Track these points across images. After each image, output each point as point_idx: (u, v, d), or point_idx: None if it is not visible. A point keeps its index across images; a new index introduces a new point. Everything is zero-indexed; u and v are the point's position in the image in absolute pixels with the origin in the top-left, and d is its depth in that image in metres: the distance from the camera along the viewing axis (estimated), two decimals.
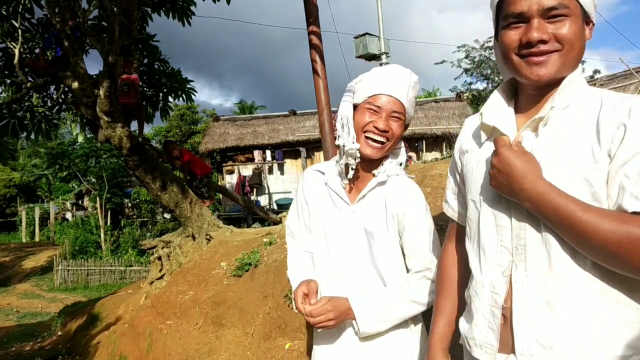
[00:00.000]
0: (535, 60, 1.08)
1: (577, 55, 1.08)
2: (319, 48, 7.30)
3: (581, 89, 1.11)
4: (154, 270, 6.63)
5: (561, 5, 1.04)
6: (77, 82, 5.83)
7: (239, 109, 32.43)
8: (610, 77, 15.16)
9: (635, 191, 0.93)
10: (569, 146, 1.04)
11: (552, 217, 0.98)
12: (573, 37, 1.06)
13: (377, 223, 1.60)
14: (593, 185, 0.99)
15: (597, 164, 1.00)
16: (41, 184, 29.36)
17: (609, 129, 1.00)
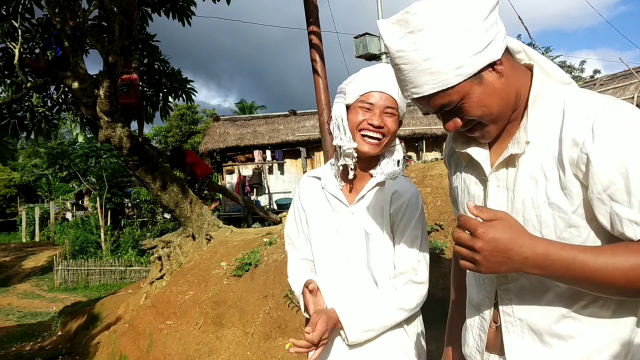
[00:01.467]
0: (469, 134, 1.08)
1: (499, 110, 1.01)
2: (319, 48, 7.30)
3: (546, 104, 1.02)
4: (154, 270, 6.63)
5: (445, 104, 1.00)
6: (77, 82, 5.83)
7: (239, 109, 32.42)
8: (610, 77, 15.16)
9: (632, 216, 0.89)
10: (541, 173, 0.99)
11: (566, 276, 0.91)
12: (479, 112, 1.00)
13: (376, 224, 1.60)
14: (566, 212, 0.96)
15: (566, 189, 0.96)
16: (41, 184, 29.34)
17: (572, 152, 0.94)
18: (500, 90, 0.99)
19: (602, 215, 0.93)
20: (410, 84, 1.00)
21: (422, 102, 1.02)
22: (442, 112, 1.04)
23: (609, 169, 0.89)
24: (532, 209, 1.00)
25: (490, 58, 0.95)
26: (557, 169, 0.97)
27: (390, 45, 0.99)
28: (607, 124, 0.91)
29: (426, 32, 0.93)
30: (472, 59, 0.94)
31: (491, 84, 0.97)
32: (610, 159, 0.89)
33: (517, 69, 1.03)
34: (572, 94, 1.00)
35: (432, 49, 0.94)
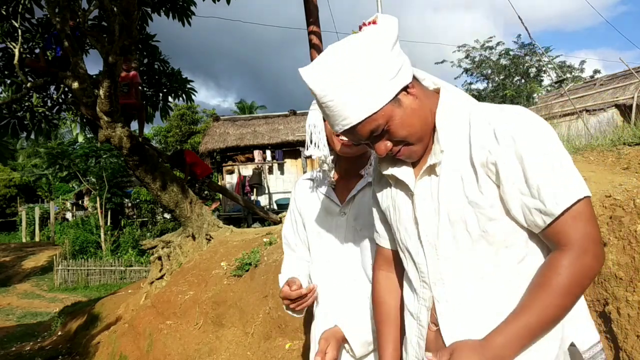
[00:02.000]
0: (399, 157, 1.18)
1: (420, 129, 1.14)
2: (319, 48, 7.31)
3: (453, 117, 1.14)
4: (154, 270, 6.63)
5: (374, 129, 1.10)
6: (77, 82, 5.83)
7: (239, 109, 32.42)
8: (610, 77, 15.17)
9: (537, 205, 1.02)
10: (458, 178, 1.11)
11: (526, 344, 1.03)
12: (404, 132, 1.12)
13: (368, 223, 1.61)
14: (484, 208, 1.08)
15: (481, 188, 1.08)
16: (41, 184, 29.34)
17: (480, 155, 1.07)
18: (417, 110, 1.12)
19: (516, 211, 1.06)
20: (339, 118, 1.10)
21: (353, 132, 1.12)
22: (371, 139, 1.14)
23: (512, 166, 1.04)
24: (457, 211, 1.11)
25: (403, 82, 1.10)
26: (471, 171, 1.09)
27: (314, 88, 1.10)
28: (505, 127, 1.06)
29: (344, 69, 1.06)
30: (388, 85, 1.07)
31: (409, 105, 1.11)
32: (511, 157, 1.04)
33: (426, 92, 1.18)
34: (475, 107, 1.15)
35: (353, 83, 1.06)
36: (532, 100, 19.60)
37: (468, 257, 1.11)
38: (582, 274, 1.01)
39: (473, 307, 1.11)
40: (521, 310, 1.04)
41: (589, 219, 1.03)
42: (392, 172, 1.23)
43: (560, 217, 1.02)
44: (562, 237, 1.03)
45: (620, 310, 1.82)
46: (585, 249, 1.01)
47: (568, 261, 1.01)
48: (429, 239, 1.16)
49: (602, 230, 2.03)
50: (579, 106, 12.19)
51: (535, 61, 22.68)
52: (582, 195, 1.02)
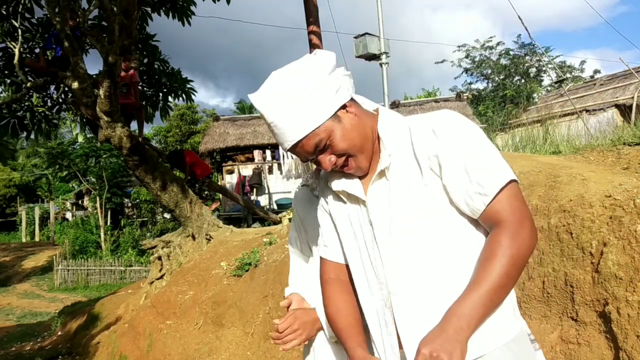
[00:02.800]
0: (346, 170, 1.29)
1: (361, 142, 1.24)
2: (319, 47, 7.30)
3: (394, 128, 1.27)
4: (154, 270, 6.63)
5: (317, 142, 1.21)
6: (77, 82, 5.83)
7: (239, 109, 32.40)
8: (610, 77, 15.17)
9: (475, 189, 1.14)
10: (405, 177, 1.22)
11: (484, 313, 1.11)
12: (345, 144, 1.23)
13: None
14: (430, 201, 1.19)
15: (427, 184, 1.19)
16: (41, 184, 29.33)
17: (422, 153, 1.20)
18: (356, 126, 1.24)
19: (459, 201, 1.17)
20: (286, 136, 1.22)
21: (299, 147, 1.23)
22: (316, 153, 1.24)
23: (452, 157, 1.16)
24: (409, 212, 1.21)
25: (342, 101, 1.22)
26: (416, 168, 1.21)
27: (263, 111, 1.22)
28: (442, 125, 1.19)
29: (287, 92, 1.19)
30: (327, 103, 1.20)
31: (348, 121, 1.23)
32: (451, 149, 1.16)
33: (366, 112, 1.30)
34: (411, 119, 1.29)
35: (296, 104, 1.18)
36: (532, 100, 19.60)
37: (420, 251, 1.20)
38: (523, 244, 1.12)
39: (425, 299, 1.19)
40: (472, 283, 1.13)
41: (522, 199, 1.17)
42: (342, 187, 1.33)
43: (496, 198, 1.13)
44: (500, 215, 1.14)
45: (620, 310, 1.82)
46: (521, 223, 1.13)
47: (508, 234, 1.12)
48: (384, 240, 1.24)
49: (602, 230, 2.03)
50: (579, 106, 12.19)
51: (535, 61, 22.67)
52: (513, 177, 1.16)
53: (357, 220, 1.33)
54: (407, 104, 20.00)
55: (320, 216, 1.48)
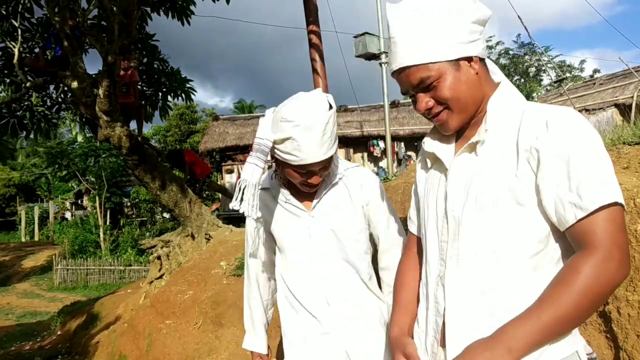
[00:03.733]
0: (436, 121, 1.22)
1: (467, 99, 1.17)
2: (318, 47, 7.30)
3: (507, 106, 1.17)
4: (153, 270, 6.63)
5: (423, 78, 1.15)
6: (77, 81, 5.82)
7: (238, 109, 32.40)
8: (610, 76, 15.18)
9: (571, 199, 1.02)
10: (498, 159, 1.13)
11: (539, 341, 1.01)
12: (449, 93, 1.15)
13: (342, 220, 1.67)
14: (515, 191, 1.08)
15: (518, 173, 1.09)
16: (40, 184, 29.33)
17: (526, 141, 1.08)
18: (471, 83, 1.16)
19: (548, 202, 1.05)
20: (399, 55, 1.16)
21: (404, 75, 1.17)
22: (418, 90, 1.18)
23: (556, 156, 1.04)
24: (487, 191, 1.12)
25: (470, 53, 1.15)
26: (513, 156, 1.11)
27: (393, 22, 1.17)
28: (558, 120, 1.07)
29: (426, 13, 1.13)
30: (455, 46, 1.13)
31: (465, 74, 1.15)
32: (557, 148, 1.04)
33: (489, 79, 1.23)
34: (530, 104, 1.17)
35: (428, 28, 1.13)
36: (532, 99, 19.61)
37: (487, 239, 1.12)
38: (605, 278, 0.98)
39: (480, 291, 1.12)
40: (536, 305, 1.03)
41: (621, 227, 1.01)
42: (432, 149, 1.27)
43: (592, 216, 1.00)
44: (590, 237, 1.00)
45: (621, 309, 1.82)
46: (611, 254, 0.98)
47: (592, 262, 0.98)
48: (454, 214, 1.17)
49: None
50: (579, 106, 12.20)
51: (535, 60, 22.69)
52: (620, 200, 1.01)
53: (434, 189, 1.27)
54: (407, 103, 20.00)
55: (413, 189, 1.45)
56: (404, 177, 3.48)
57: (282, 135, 1.49)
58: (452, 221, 1.18)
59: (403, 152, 17.67)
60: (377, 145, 17.62)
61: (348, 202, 1.68)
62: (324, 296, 1.67)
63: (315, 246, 1.67)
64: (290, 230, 1.70)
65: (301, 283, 1.70)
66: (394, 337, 1.32)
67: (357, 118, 18.37)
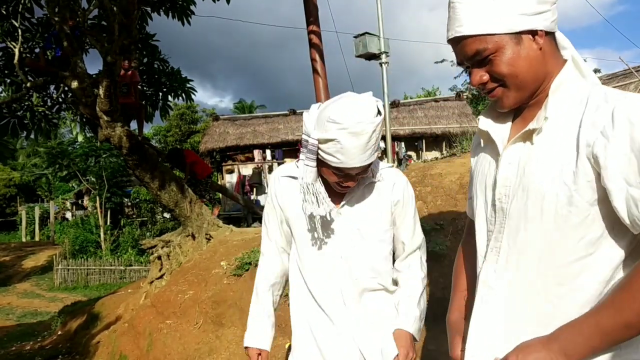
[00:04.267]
0: (491, 97, 1.13)
1: (526, 76, 1.07)
2: (319, 47, 7.30)
3: (571, 90, 1.07)
4: (153, 270, 6.63)
5: (479, 50, 1.06)
6: (77, 81, 5.82)
7: (238, 109, 32.41)
8: (610, 76, 15.17)
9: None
10: (554, 152, 1.04)
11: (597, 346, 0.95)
12: (506, 69, 1.06)
13: (368, 220, 1.65)
14: (570, 190, 1.00)
15: (576, 169, 1.00)
16: (41, 184, 29.32)
17: (589, 134, 0.98)
18: (532, 59, 1.05)
19: (618, 201, 0.94)
20: (457, 23, 1.07)
21: (460, 46, 1.09)
22: (473, 62, 1.09)
23: (626, 154, 0.92)
24: (538, 183, 1.04)
25: (535, 26, 1.03)
26: (572, 149, 1.00)
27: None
28: (626, 110, 0.94)
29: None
30: (518, 18, 1.02)
31: (527, 48, 1.05)
32: (627, 143, 0.92)
33: (556, 56, 1.10)
34: (597, 89, 1.04)
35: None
36: None
37: (532, 234, 1.06)
38: None
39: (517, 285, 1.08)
40: (596, 308, 0.97)
41: None
42: (487, 127, 1.19)
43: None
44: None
45: None
46: None
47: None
48: (502, 204, 1.12)
49: None
50: None
51: None
52: None
53: (484, 174, 1.21)
54: (407, 103, 20.01)
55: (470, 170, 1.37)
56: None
57: (327, 135, 1.45)
58: (500, 212, 1.13)
59: (403, 152, 17.67)
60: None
61: (377, 201, 1.66)
62: (341, 296, 1.64)
63: (339, 244, 1.64)
64: (315, 225, 1.65)
65: (319, 280, 1.67)
66: (454, 320, 1.33)
67: None
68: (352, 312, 1.63)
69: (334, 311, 1.64)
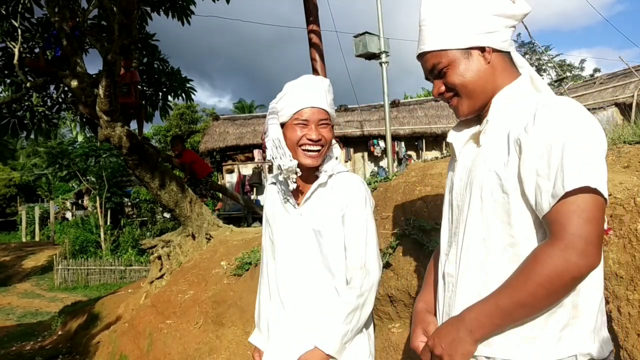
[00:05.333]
0: (450, 106, 1.29)
1: (474, 87, 1.21)
2: (318, 47, 7.31)
3: (517, 99, 1.20)
4: (154, 270, 6.63)
5: (435, 64, 1.22)
6: (77, 81, 5.82)
7: (238, 109, 32.41)
8: (610, 75, 15.17)
9: (549, 187, 1.04)
10: (492, 149, 1.18)
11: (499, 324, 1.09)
12: (457, 80, 1.21)
13: (325, 221, 1.68)
14: (501, 179, 1.13)
15: (507, 162, 1.13)
16: (41, 184, 29.34)
17: (516, 132, 1.12)
18: (480, 72, 1.20)
19: (529, 191, 1.08)
20: (421, 41, 1.25)
21: (424, 61, 1.26)
22: (433, 75, 1.25)
23: (538, 148, 1.06)
24: (480, 175, 1.18)
25: (483, 43, 1.19)
26: (505, 145, 1.15)
27: (424, 7, 1.25)
28: (545, 111, 1.09)
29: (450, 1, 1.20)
30: (469, 35, 1.18)
31: (476, 63, 1.20)
32: (541, 139, 1.06)
33: (509, 72, 1.23)
34: (544, 98, 1.17)
35: (447, 15, 1.19)
36: None
37: (477, 223, 1.18)
38: (564, 269, 1.00)
39: (469, 274, 1.19)
40: (497, 290, 1.09)
41: (591, 217, 1.00)
42: (451, 140, 1.34)
43: (561, 204, 1.01)
44: (555, 227, 1.03)
45: (621, 309, 1.82)
46: (572, 245, 0.99)
47: (551, 252, 1.01)
48: (457, 202, 1.27)
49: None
50: None
51: (535, 60, 22.67)
52: (596, 187, 1.00)
53: (449, 179, 1.36)
54: (407, 102, 20.00)
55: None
56: (404, 176, 3.48)
57: (281, 94, 1.69)
58: (456, 209, 1.27)
59: (403, 152, 17.67)
60: (377, 144, 17.62)
61: (333, 204, 1.69)
62: (292, 294, 1.70)
63: (300, 244, 1.70)
64: (282, 225, 1.76)
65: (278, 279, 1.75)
66: (419, 311, 1.39)
67: (357, 118, 18.37)
68: (293, 313, 1.69)
69: (278, 311, 1.73)
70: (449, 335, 1.13)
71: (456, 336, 1.11)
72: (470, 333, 1.10)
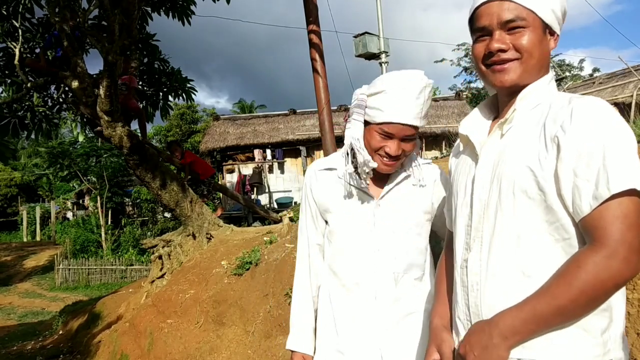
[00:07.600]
0: (498, 68, 1.19)
1: (537, 63, 1.18)
2: (319, 47, 7.31)
3: (543, 94, 1.19)
4: (154, 269, 6.65)
5: (518, 17, 1.15)
6: (77, 81, 5.83)
7: (239, 109, 32.40)
8: (609, 75, 15.17)
9: (589, 190, 1.01)
10: (523, 143, 1.14)
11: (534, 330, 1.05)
12: (531, 47, 1.16)
13: (408, 213, 1.62)
14: (537, 176, 1.09)
15: (543, 158, 1.09)
16: (42, 184, 29.34)
17: (552, 129, 1.09)
18: (545, 52, 1.19)
19: (566, 191, 1.05)
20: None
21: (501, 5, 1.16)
22: (503, 27, 1.17)
23: (577, 148, 1.03)
24: (511, 172, 1.13)
25: (557, 29, 1.19)
26: (538, 140, 1.11)
27: None
28: (582, 109, 1.07)
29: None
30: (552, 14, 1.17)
31: (546, 40, 1.19)
32: (580, 138, 1.03)
33: (548, 66, 1.24)
34: (564, 94, 1.19)
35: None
36: None
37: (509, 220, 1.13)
38: (607, 276, 0.98)
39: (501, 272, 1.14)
40: (533, 296, 1.05)
41: (633, 224, 0.99)
42: (466, 132, 1.29)
43: (603, 208, 0.99)
44: (597, 233, 1.00)
45: None
46: (616, 252, 0.97)
47: (594, 258, 0.98)
48: (481, 196, 1.20)
49: None
50: None
51: None
52: (638, 187, 0.98)
53: (465, 175, 1.29)
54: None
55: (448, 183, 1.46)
56: None
57: (376, 89, 1.54)
58: (478, 204, 1.20)
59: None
60: None
61: (417, 195, 1.64)
62: (374, 290, 1.59)
63: (376, 237, 1.61)
64: (353, 216, 1.63)
65: (352, 273, 1.63)
66: (434, 327, 1.36)
67: None
68: (381, 306, 1.59)
69: (364, 305, 1.60)
70: (481, 342, 1.08)
71: (489, 343, 1.07)
72: (504, 339, 1.05)
